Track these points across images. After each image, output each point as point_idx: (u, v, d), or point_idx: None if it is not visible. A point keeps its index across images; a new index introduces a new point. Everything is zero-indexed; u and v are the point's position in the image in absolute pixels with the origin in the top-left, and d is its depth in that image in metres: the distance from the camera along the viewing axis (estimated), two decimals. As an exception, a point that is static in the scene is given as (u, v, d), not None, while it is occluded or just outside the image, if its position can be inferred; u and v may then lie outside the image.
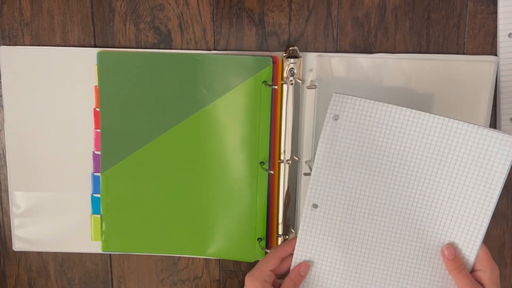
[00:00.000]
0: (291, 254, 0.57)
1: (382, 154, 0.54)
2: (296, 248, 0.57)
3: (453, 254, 0.54)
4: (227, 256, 0.69)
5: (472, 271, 0.54)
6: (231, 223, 0.68)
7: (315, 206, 0.56)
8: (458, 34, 0.64)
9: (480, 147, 0.52)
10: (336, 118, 0.54)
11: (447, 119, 0.52)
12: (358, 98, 0.54)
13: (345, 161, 0.55)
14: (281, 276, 0.58)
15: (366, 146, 0.54)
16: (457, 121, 0.52)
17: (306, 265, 0.56)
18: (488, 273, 0.53)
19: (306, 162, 0.65)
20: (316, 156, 0.55)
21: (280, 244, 0.60)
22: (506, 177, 0.51)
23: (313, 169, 0.55)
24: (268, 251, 0.67)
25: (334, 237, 0.56)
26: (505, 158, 0.51)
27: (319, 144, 0.55)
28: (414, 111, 0.53)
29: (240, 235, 0.67)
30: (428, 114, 0.53)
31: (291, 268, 0.57)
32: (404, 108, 0.53)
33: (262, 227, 0.67)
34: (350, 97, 0.54)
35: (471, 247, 0.54)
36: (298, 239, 0.57)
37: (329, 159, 0.55)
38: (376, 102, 0.53)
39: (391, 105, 0.53)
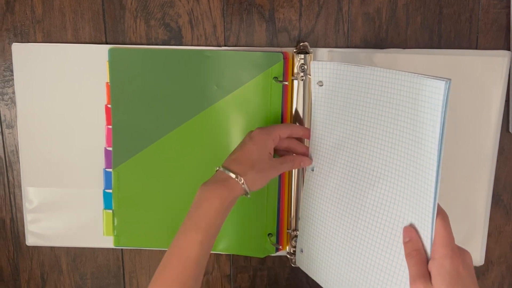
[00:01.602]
0: (298, 139, 0.61)
1: (359, 112, 0.53)
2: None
3: (408, 237, 0.47)
4: (238, 252, 0.69)
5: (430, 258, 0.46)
6: (241, 218, 0.68)
7: (313, 169, 0.59)
8: (470, 29, 0.64)
9: (417, 96, 0.46)
10: (321, 84, 0.57)
11: (389, 70, 0.49)
12: (333, 63, 0.55)
13: (332, 122, 0.57)
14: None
15: (346, 106, 0.55)
16: (398, 71, 0.48)
17: (309, 161, 0.60)
18: (436, 262, 0.44)
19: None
20: (311, 123, 0.59)
21: (295, 125, 0.62)
22: (442, 127, 0.43)
23: (310, 135, 0.59)
24: (280, 247, 0.68)
25: (325, 198, 0.58)
26: (435, 108, 0.43)
27: (312, 111, 0.59)
28: (370, 67, 0.51)
29: (251, 230, 0.68)
30: (376, 68, 0.50)
31: None
32: (369, 67, 0.51)
33: (273, 222, 0.67)
34: (327, 62, 0.55)
35: (426, 228, 0.46)
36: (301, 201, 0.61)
37: (320, 123, 0.58)
38: (349, 65, 0.54)
39: (361, 66, 0.52)
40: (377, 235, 0.52)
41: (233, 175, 0.53)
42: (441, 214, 0.45)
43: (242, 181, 0.53)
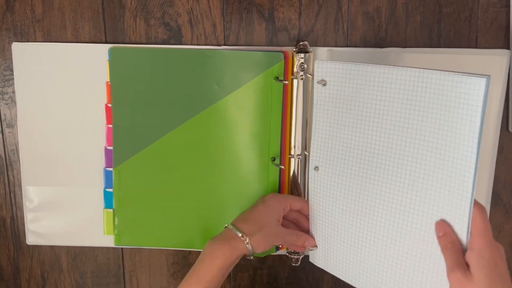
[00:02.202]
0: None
1: (369, 112, 0.54)
2: (310, 209, 0.61)
3: (442, 231, 0.49)
4: (238, 251, 0.70)
5: (468, 249, 0.47)
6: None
7: (316, 168, 0.59)
8: (470, 28, 0.64)
9: (449, 93, 0.46)
10: (324, 84, 0.56)
11: (417, 69, 0.49)
12: (340, 62, 0.54)
13: (337, 122, 0.56)
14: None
15: (354, 106, 0.55)
16: (427, 70, 0.48)
17: (313, 244, 0.62)
18: (475, 252, 0.46)
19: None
20: (313, 123, 0.58)
21: (305, 201, 0.62)
22: (482, 122, 0.44)
23: (312, 135, 0.59)
24: (280, 246, 0.68)
25: (335, 195, 0.59)
26: (477, 102, 0.44)
27: (314, 110, 0.58)
28: (389, 66, 0.51)
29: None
30: (401, 67, 0.50)
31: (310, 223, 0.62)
32: (381, 66, 0.51)
33: (273, 221, 0.67)
34: (332, 62, 0.55)
35: (461, 221, 0.47)
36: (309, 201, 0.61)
37: (324, 123, 0.58)
38: (357, 64, 0.53)
39: (370, 65, 0.52)
40: (408, 230, 0.52)
41: (239, 234, 0.55)
42: (478, 207, 0.46)
43: (247, 241, 0.55)
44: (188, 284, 0.55)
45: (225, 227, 0.58)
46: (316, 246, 0.62)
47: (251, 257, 0.57)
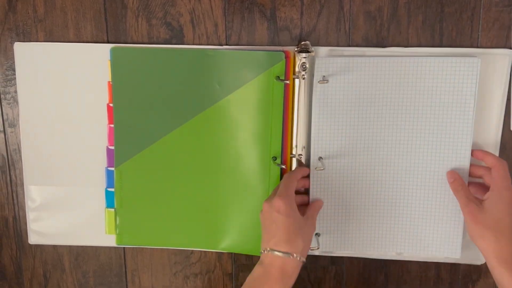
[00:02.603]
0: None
1: (371, 101, 0.63)
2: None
3: (452, 177, 0.61)
4: (240, 250, 0.70)
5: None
6: (243, 217, 0.68)
7: (320, 159, 0.64)
8: (472, 27, 0.64)
9: (451, 74, 0.61)
10: (325, 80, 0.61)
11: (418, 58, 0.62)
12: (340, 58, 0.62)
13: (339, 115, 0.63)
14: None
15: (356, 98, 0.63)
16: (427, 57, 0.62)
17: (320, 202, 0.65)
18: (495, 192, 0.57)
19: (319, 159, 0.65)
20: (312, 117, 0.63)
21: (295, 171, 0.64)
22: (476, 95, 0.61)
23: (312, 131, 0.64)
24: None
25: (340, 189, 0.66)
26: (472, 77, 0.61)
27: (313, 107, 0.63)
28: (388, 58, 0.62)
29: (253, 229, 0.68)
30: (401, 57, 0.62)
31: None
32: (381, 58, 0.62)
33: (274, 221, 0.67)
34: (333, 57, 0.62)
35: (463, 165, 0.63)
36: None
37: (324, 117, 0.63)
38: (356, 58, 0.62)
39: (370, 58, 0.62)
40: (420, 187, 0.65)
41: (286, 256, 0.54)
42: (501, 161, 0.59)
43: (301, 259, 0.55)
44: None
45: (262, 253, 0.56)
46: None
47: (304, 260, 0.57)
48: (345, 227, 0.66)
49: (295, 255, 0.54)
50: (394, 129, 0.64)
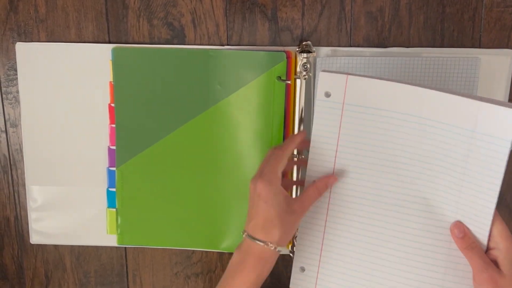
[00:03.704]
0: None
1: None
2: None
3: (462, 232, 0.50)
4: (241, 250, 0.70)
5: (487, 250, 0.50)
6: (244, 217, 0.68)
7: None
8: (474, 27, 0.64)
9: (452, 75, 0.59)
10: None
11: (419, 58, 0.55)
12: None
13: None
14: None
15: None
16: (428, 58, 0.55)
17: (335, 178, 0.54)
18: (503, 251, 0.49)
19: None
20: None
21: (284, 145, 0.55)
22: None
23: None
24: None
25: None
26: (473, 78, 0.58)
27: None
28: (389, 58, 0.54)
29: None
30: (402, 58, 0.54)
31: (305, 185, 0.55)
32: (382, 58, 0.55)
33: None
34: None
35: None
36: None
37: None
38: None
39: (371, 58, 0.53)
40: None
41: (261, 244, 0.51)
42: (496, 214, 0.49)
43: (277, 249, 0.52)
44: None
45: (243, 235, 0.53)
46: (336, 179, 0.55)
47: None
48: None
49: (270, 244, 0.51)
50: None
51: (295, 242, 0.67)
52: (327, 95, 0.53)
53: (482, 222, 0.50)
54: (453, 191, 0.51)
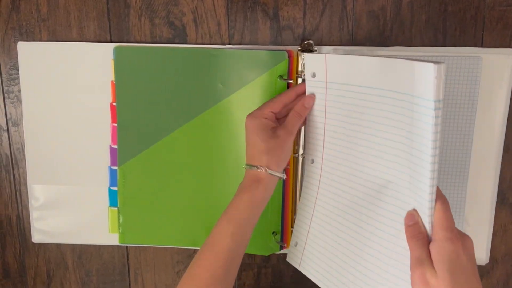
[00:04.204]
0: (294, 101, 0.60)
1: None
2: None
3: (412, 220, 0.46)
4: (242, 249, 0.70)
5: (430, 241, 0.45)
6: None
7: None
8: (476, 26, 0.64)
9: (454, 74, 0.58)
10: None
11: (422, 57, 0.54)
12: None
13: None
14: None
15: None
16: (430, 57, 0.56)
17: (311, 98, 0.58)
18: (436, 244, 0.43)
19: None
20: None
21: (285, 91, 0.60)
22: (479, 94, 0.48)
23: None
24: (285, 245, 0.68)
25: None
26: (475, 77, 0.58)
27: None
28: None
29: (255, 228, 0.68)
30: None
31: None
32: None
33: (277, 221, 0.67)
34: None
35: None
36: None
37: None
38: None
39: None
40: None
41: (257, 169, 0.56)
42: (440, 199, 0.44)
43: (267, 171, 0.55)
44: (219, 224, 0.55)
45: (244, 168, 0.58)
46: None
47: (283, 177, 0.58)
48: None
49: (260, 167, 0.55)
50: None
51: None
52: (313, 75, 0.57)
53: (425, 206, 0.45)
54: (406, 171, 0.47)
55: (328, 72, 0.55)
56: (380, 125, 0.50)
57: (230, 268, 0.53)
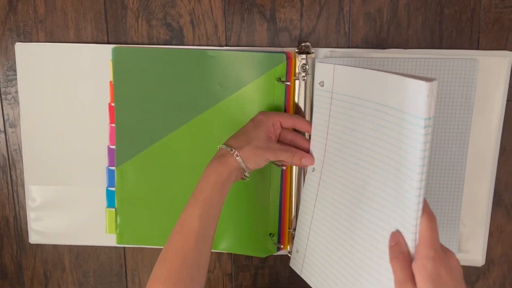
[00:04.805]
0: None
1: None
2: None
3: (394, 240, 0.46)
4: (239, 251, 0.70)
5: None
6: (243, 218, 0.68)
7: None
8: (472, 28, 0.64)
9: (450, 76, 0.60)
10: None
11: (418, 59, 0.58)
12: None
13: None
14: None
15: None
16: (426, 59, 0.57)
17: (311, 160, 0.60)
18: (418, 263, 0.43)
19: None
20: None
21: (303, 119, 0.62)
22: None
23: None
24: (282, 246, 0.68)
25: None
26: (471, 79, 0.59)
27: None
28: (388, 59, 0.55)
29: (253, 230, 0.68)
30: (400, 59, 0.54)
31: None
32: (381, 59, 0.56)
33: (274, 222, 0.68)
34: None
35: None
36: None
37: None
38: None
39: (369, 59, 0.55)
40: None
41: (228, 149, 0.56)
42: (427, 215, 0.43)
43: (236, 153, 0.55)
44: (186, 207, 0.55)
45: (218, 147, 0.58)
46: (314, 163, 0.60)
47: (247, 176, 0.57)
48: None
49: (231, 147, 0.56)
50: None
51: (293, 243, 0.68)
52: (322, 84, 0.58)
53: (410, 223, 0.44)
54: (393, 186, 0.46)
55: (335, 82, 0.56)
56: (373, 138, 0.50)
57: (201, 250, 0.53)
